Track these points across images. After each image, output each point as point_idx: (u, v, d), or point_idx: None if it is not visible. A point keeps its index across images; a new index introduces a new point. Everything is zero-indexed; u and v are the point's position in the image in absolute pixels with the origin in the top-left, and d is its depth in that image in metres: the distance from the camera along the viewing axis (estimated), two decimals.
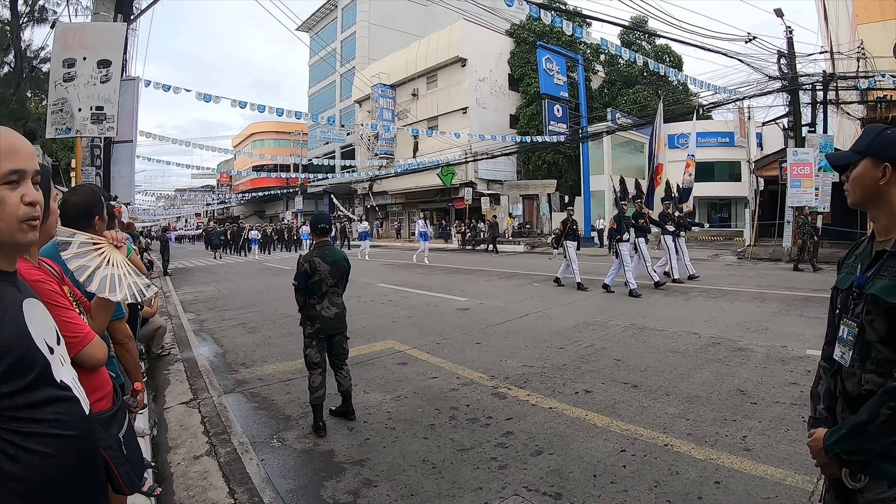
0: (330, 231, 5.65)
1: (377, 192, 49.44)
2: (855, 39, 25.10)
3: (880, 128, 1.95)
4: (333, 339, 5.40)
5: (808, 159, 21.10)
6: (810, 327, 9.02)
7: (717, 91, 22.93)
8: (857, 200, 2.01)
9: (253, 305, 13.40)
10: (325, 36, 63.48)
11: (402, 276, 19.15)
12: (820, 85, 23.27)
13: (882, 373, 1.79)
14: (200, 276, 23.24)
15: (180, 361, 8.00)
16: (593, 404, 5.61)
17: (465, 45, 40.96)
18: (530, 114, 41.02)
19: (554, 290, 14.47)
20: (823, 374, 2.14)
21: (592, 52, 43.45)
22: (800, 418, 5.06)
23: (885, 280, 1.82)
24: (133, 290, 2.38)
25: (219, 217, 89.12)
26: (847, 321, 1.97)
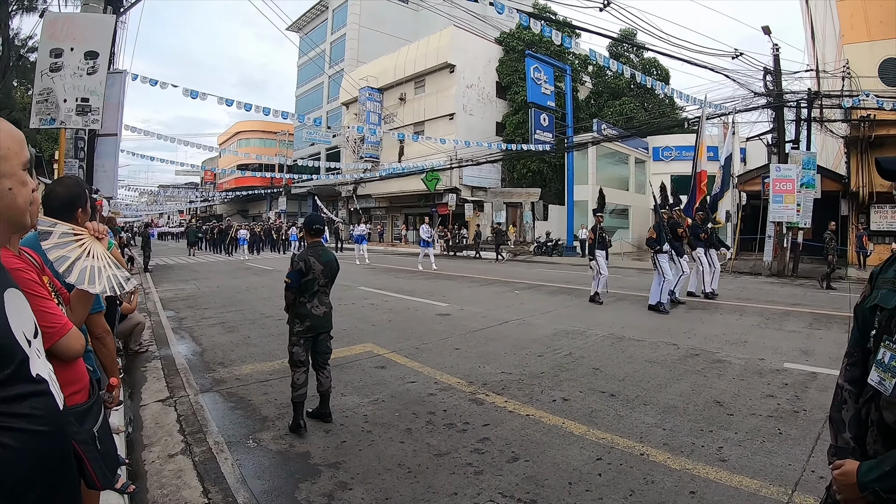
0: (323, 232, 5.71)
1: (361, 196, 49.35)
2: (841, 59, 25.40)
3: None
4: (319, 337, 5.42)
5: (791, 175, 21.31)
6: (788, 341, 9.15)
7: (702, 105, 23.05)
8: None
9: (233, 305, 13.35)
10: (314, 37, 63.47)
11: (383, 279, 19.13)
12: (805, 102, 23.50)
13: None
14: (181, 273, 23.10)
15: (158, 359, 7.95)
16: (570, 412, 5.63)
17: (454, 51, 41.04)
18: (517, 122, 41.13)
19: (535, 298, 14.48)
20: (849, 399, 1.93)
21: (580, 63, 43.65)
22: (776, 431, 5.13)
23: None
24: (112, 282, 2.37)
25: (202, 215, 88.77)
26: (890, 344, 1.73)
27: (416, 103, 44.97)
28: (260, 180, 61.57)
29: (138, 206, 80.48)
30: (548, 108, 36.84)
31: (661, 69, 45.05)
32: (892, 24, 24.18)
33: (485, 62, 43.42)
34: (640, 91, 43.37)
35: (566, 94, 36.78)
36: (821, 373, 7.12)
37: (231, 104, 21.58)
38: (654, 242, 12.85)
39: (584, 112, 42.99)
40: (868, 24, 24.72)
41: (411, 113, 45.11)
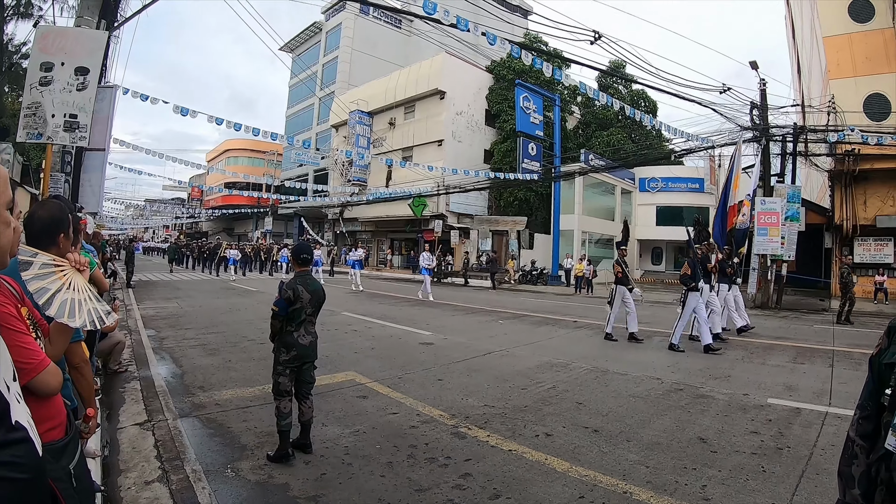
0: (311, 261, 5.73)
1: (348, 219, 49.37)
2: (826, 94, 25.83)
3: None
4: (304, 366, 5.39)
5: (776, 208, 21.54)
6: (772, 375, 9.17)
7: (689, 138, 23.28)
8: None
9: (215, 326, 13.21)
10: (307, 58, 63.88)
11: (367, 305, 19.03)
12: (790, 136, 23.78)
13: None
14: (163, 290, 22.94)
15: (137, 380, 7.83)
16: (553, 448, 5.56)
17: (445, 77, 41.31)
18: (505, 150, 41.36)
19: (519, 329, 14.44)
20: (860, 454, 1.87)
21: (569, 93, 44.00)
22: (759, 468, 5.10)
23: None
24: (93, 316, 2.33)
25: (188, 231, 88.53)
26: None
27: (405, 128, 45.18)
28: (247, 199, 61.50)
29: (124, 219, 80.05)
30: (536, 138, 37.08)
31: (648, 101, 45.64)
32: (878, 60, 24.68)
33: (475, 90, 43.75)
34: (627, 122, 43.81)
35: (555, 123, 37.04)
36: (804, 408, 7.13)
37: (221, 123, 21.56)
38: (689, 279, 12.26)
39: (572, 142, 43.39)
40: (854, 60, 25.22)
41: (400, 138, 45.29)
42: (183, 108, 19.70)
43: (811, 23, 30.10)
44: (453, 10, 13.75)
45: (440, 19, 13.16)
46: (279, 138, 27.52)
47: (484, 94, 44.46)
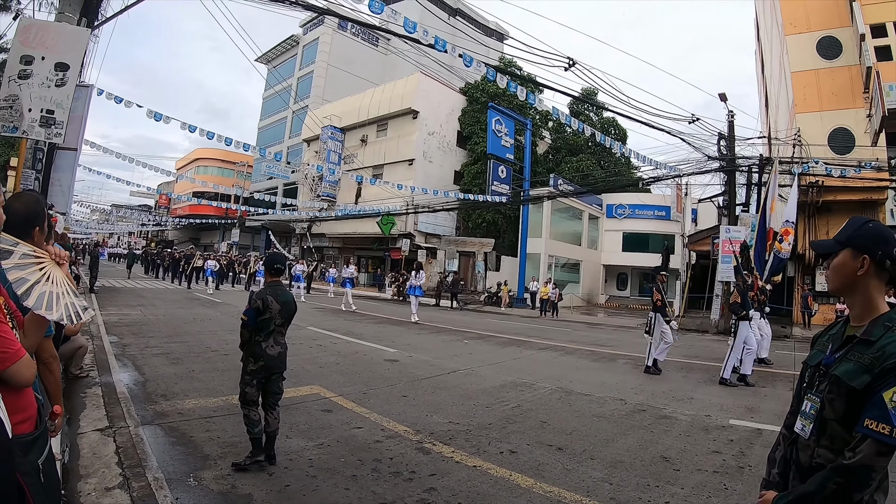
0: (283, 272, 5.72)
1: (315, 234, 49.15)
2: (793, 127, 26.35)
3: (863, 220, 2.10)
4: (272, 377, 5.37)
5: (740, 237, 21.83)
6: (734, 398, 9.35)
7: (657, 166, 23.57)
8: (836, 288, 2.14)
9: (178, 335, 13.08)
10: (282, 71, 63.76)
11: (332, 321, 18.93)
12: (756, 167, 24.21)
13: (834, 450, 1.92)
14: (127, 297, 22.67)
15: (98, 385, 7.71)
16: (518, 465, 5.58)
17: (418, 97, 41.46)
18: (475, 172, 41.50)
19: (484, 349, 14.47)
20: (782, 441, 2.26)
21: (541, 118, 44.39)
22: (721, 486, 5.19)
23: (849, 364, 1.94)
24: (70, 310, 2.33)
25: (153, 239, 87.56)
26: (811, 396, 2.10)
27: (376, 146, 45.20)
28: (214, 209, 60.82)
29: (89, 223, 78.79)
30: (506, 161, 37.29)
31: (618, 129, 46.21)
32: (843, 96, 25.35)
33: (448, 111, 43.93)
34: (597, 149, 44.31)
35: (525, 147, 37.29)
36: (766, 429, 7.25)
37: (194, 130, 21.42)
38: (740, 308, 11.39)
39: (541, 166, 43.73)
40: (820, 95, 25.87)
41: (371, 155, 45.31)
42: (157, 112, 19.52)
43: (780, 58, 30.75)
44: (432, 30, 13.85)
45: (419, 39, 13.22)
46: (251, 149, 27.31)
47: (456, 116, 44.67)
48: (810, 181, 24.73)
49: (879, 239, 2.01)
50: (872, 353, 1.89)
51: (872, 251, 2.00)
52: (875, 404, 1.81)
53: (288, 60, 66.38)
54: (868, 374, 1.87)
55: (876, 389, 1.83)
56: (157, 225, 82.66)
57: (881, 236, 2.02)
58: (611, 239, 44.80)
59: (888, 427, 1.76)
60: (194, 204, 60.31)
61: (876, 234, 2.03)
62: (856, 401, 1.89)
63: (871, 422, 1.79)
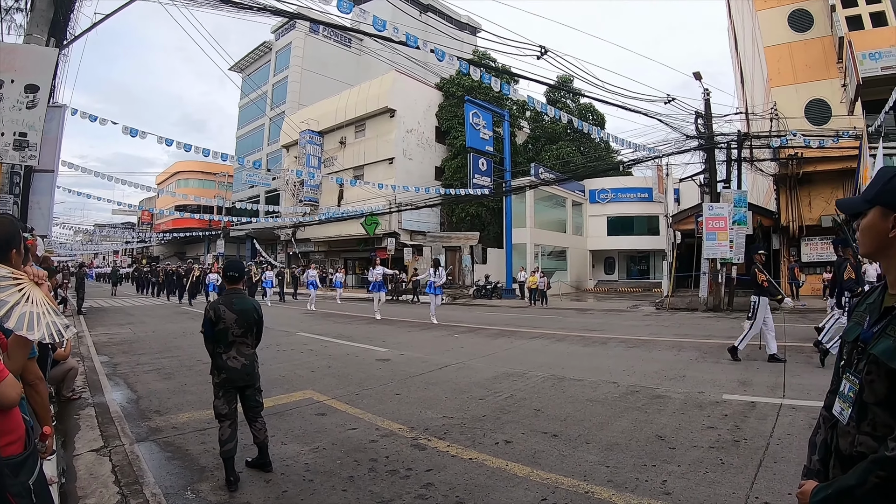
0: (240, 279, 5.54)
1: (300, 239, 49.03)
2: (769, 101, 26.53)
3: (891, 173, 1.80)
4: (244, 392, 5.26)
5: (723, 213, 21.99)
6: (726, 373, 9.39)
7: (637, 149, 23.64)
8: (868, 251, 1.88)
9: (169, 350, 13.03)
10: (257, 78, 63.54)
11: (322, 325, 18.91)
12: (735, 143, 24.34)
13: (877, 437, 1.69)
14: (115, 316, 22.57)
15: (91, 406, 7.66)
16: (514, 454, 5.59)
17: (394, 96, 41.41)
18: (455, 166, 41.57)
19: (475, 342, 14.47)
20: (823, 425, 2.03)
21: (518, 108, 44.41)
22: (718, 461, 5.21)
23: (889, 341, 1.68)
24: (51, 329, 2.31)
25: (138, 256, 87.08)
26: (849, 376, 1.86)
27: (356, 147, 45.11)
28: (198, 222, 60.57)
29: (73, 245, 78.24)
30: (486, 153, 37.31)
31: (596, 114, 46.33)
32: (817, 67, 25.52)
33: (425, 107, 43.91)
34: (576, 135, 44.42)
35: (504, 138, 37.32)
36: (759, 402, 7.30)
37: (171, 144, 21.31)
38: (855, 284, 10.36)
39: (522, 156, 43.80)
40: (794, 68, 26.05)
41: (351, 157, 45.23)
42: (132, 129, 19.39)
43: (752, 34, 30.91)
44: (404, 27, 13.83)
45: (390, 36, 13.21)
46: (229, 159, 27.19)
47: (434, 112, 44.68)
48: (789, 154, 24.88)
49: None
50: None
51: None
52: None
53: (262, 67, 66.13)
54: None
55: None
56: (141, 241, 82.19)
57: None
58: (596, 224, 44.94)
59: None
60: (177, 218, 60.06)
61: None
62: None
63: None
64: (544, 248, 39.59)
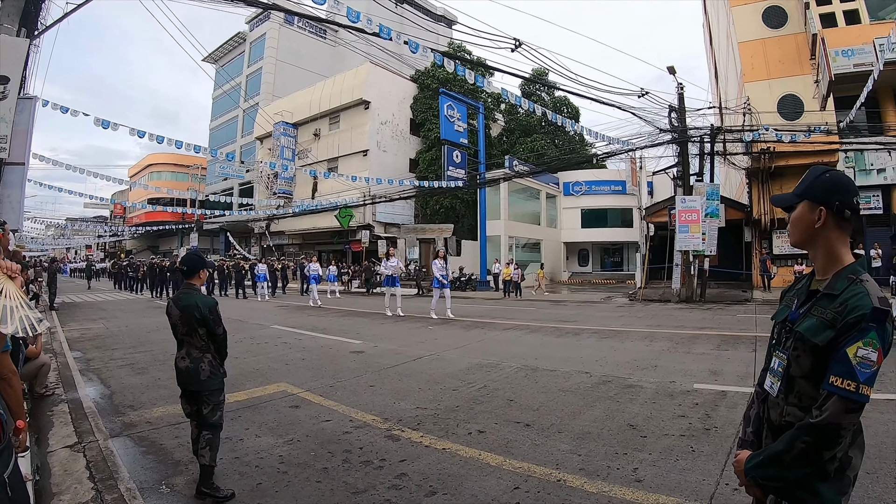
0: (191, 273, 5.05)
1: (274, 232, 48.82)
2: (742, 96, 26.78)
3: (820, 171, 2.07)
4: (195, 396, 4.85)
5: (696, 206, 22.19)
6: (697, 363, 9.49)
7: (611, 142, 23.78)
8: (797, 241, 2.13)
9: (142, 345, 12.95)
10: (231, 69, 63.06)
11: (296, 318, 18.85)
12: (708, 137, 24.55)
13: (803, 407, 1.94)
14: (88, 311, 22.34)
15: (65, 402, 7.58)
16: (486, 444, 5.63)
17: (369, 87, 41.35)
18: (430, 158, 41.65)
19: (449, 333, 14.48)
20: (755, 399, 2.29)
21: (493, 101, 44.48)
22: (689, 449, 5.28)
23: (812, 319, 1.95)
24: (25, 323, 2.30)
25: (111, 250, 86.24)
26: (778, 353, 2.13)
27: (330, 139, 44.96)
28: (171, 215, 59.95)
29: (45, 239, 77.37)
30: (461, 145, 37.29)
31: (571, 107, 46.53)
32: (790, 63, 25.82)
33: (399, 99, 43.89)
34: (551, 128, 44.56)
35: (479, 131, 37.31)
36: (730, 391, 7.39)
37: (143, 136, 21.12)
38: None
39: (496, 149, 43.91)
40: (767, 63, 26.34)
41: (325, 149, 45.09)
42: (104, 120, 19.17)
43: (727, 29, 31.18)
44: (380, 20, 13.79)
45: (363, 28, 13.17)
46: (202, 151, 26.98)
47: (408, 104, 44.67)
48: (762, 148, 25.15)
49: (836, 189, 2.00)
50: (835, 307, 1.90)
51: (829, 202, 1.98)
52: (839, 360, 1.81)
53: (236, 58, 65.65)
54: (831, 329, 1.87)
55: (840, 345, 1.83)
56: (113, 235, 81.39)
57: (838, 186, 2.01)
58: (570, 216, 45.12)
59: (853, 383, 1.77)
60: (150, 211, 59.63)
61: (833, 183, 2.01)
62: (821, 357, 1.90)
63: (837, 378, 1.80)
64: (518, 240, 39.72)
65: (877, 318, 1.80)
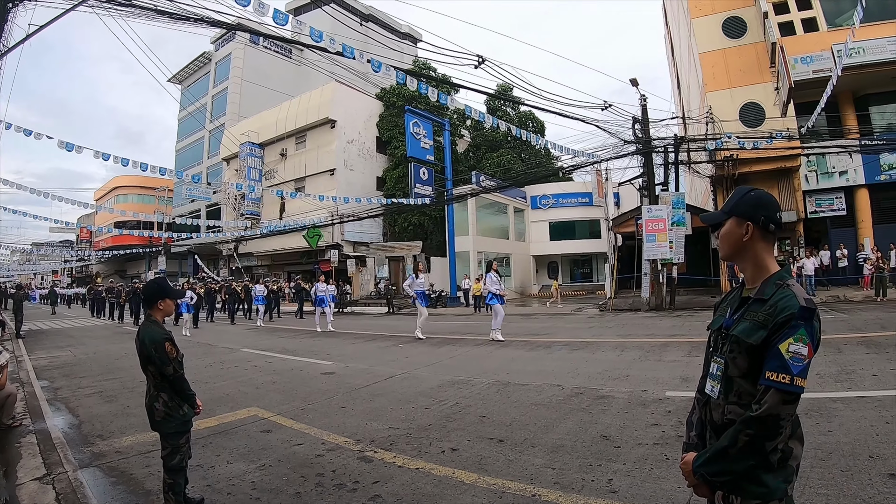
0: (150, 302, 4.72)
1: (243, 254, 48.48)
2: (704, 105, 27.20)
3: (745, 190, 2.29)
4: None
5: (662, 215, 22.44)
6: (668, 370, 9.56)
7: (576, 155, 23.96)
8: (727, 254, 2.33)
9: (111, 372, 12.74)
10: (196, 90, 62.82)
11: (266, 340, 18.73)
12: (672, 147, 24.87)
13: (743, 404, 2.08)
14: (55, 339, 21.97)
15: (33, 433, 7.44)
16: (460, 462, 5.62)
17: (335, 106, 41.34)
18: (397, 176, 41.63)
19: (420, 351, 14.46)
20: (697, 405, 2.44)
21: (459, 117, 44.62)
22: (663, 457, 5.32)
23: (746, 323, 2.12)
24: None
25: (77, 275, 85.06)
26: (716, 358, 2.29)
27: (297, 159, 44.82)
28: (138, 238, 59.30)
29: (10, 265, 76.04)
30: (427, 162, 37.40)
31: (536, 121, 46.86)
32: (751, 72, 26.36)
33: (365, 117, 43.93)
34: (517, 143, 44.84)
35: (445, 147, 37.46)
36: None
37: (108, 158, 20.76)
38: None
39: (463, 164, 44.10)
40: (728, 73, 26.84)
41: (292, 169, 44.91)
42: (68, 143, 18.89)
43: (688, 40, 31.67)
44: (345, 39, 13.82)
45: (326, 47, 13.18)
46: (168, 173, 26.69)
47: (374, 122, 44.72)
48: (725, 155, 25.52)
49: (760, 205, 2.20)
50: (766, 309, 2.07)
51: (755, 217, 2.18)
52: (774, 356, 1.97)
53: (201, 79, 65.37)
54: (763, 329, 2.04)
55: (773, 343, 1.99)
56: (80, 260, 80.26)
57: (762, 202, 2.21)
58: (538, 229, 45.37)
59: (788, 376, 1.93)
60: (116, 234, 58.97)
61: (757, 200, 2.21)
62: (756, 356, 2.05)
63: (772, 373, 1.95)
64: (487, 255, 39.82)
65: (804, 316, 1.98)
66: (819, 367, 8.37)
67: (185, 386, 4.61)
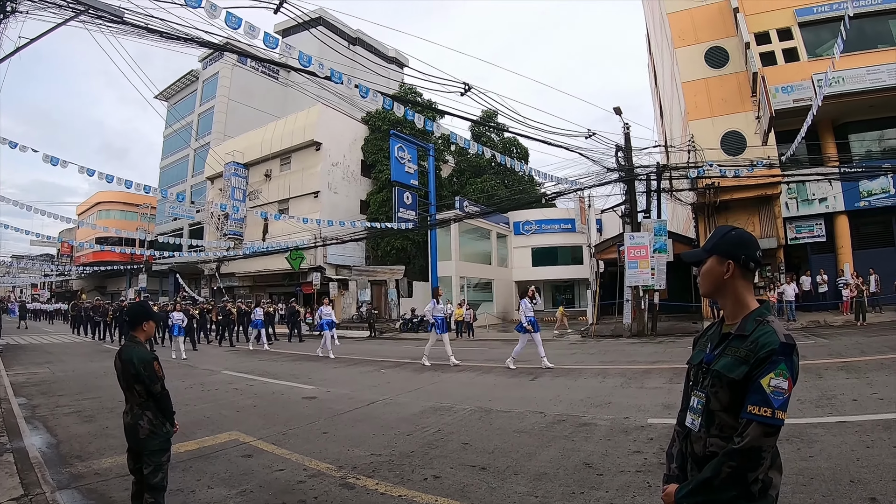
0: (134, 324, 4.76)
1: (225, 274, 48.15)
2: (686, 134, 27.49)
3: (726, 229, 2.36)
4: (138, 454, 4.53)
5: (644, 242, 22.65)
6: (650, 397, 9.63)
7: (559, 182, 24.12)
8: (707, 291, 2.41)
9: (90, 391, 12.64)
10: (182, 107, 62.47)
11: (247, 363, 18.60)
12: (654, 175, 25.10)
13: (724, 437, 2.13)
14: (33, 355, 21.79)
15: (10, 452, 7.35)
16: (442, 489, 5.62)
17: (320, 129, 41.36)
18: (381, 200, 41.71)
19: (402, 377, 14.48)
20: (677, 438, 2.50)
21: (444, 142, 44.85)
22: (645, 484, 5.36)
23: (727, 358, 2.18)
24: None
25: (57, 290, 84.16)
26: (697, 392, 2.34)
27: (281, 180, 44.72)
28: (119, 255, 58.77)
29: None
30: (411, 187, 37.54)
31: (520, 148, 47.23)
32: (732, 101, 26.75)
33: (350, 140, 44.01)
34: (500, 169, 45.02)
35: (429, 172, 37.71)
36: None
37: (92, 174, 20.60)
38: None
39: (446, 189, 44.27)
40: (710, 101, 27.20)
41: (276, 190, 44.80)
42: (54, 157, 18.77)
43: (671, 70, 32.03)
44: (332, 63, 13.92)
45: (315, 71, 13.26)
46: (152, 191, 26.54)
47: (360, 145, 44.78)
48: (707, 183, 25.77)
49: (741, 244, 2.28)
50: (747, 345, 2.13)
51: (736, 256, 2.26)
52: (755, 391, 2.03)
53: (188, 97, 65.08)
54: (745, 364, 2.10)
55: (754, 377, 2.05)
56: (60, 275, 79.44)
57: (742, 242, 2.29)
58: (520, 255, 45.58)
59: (769, 409, 1.99)
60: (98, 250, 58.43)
61: (737, 240, 2.29)
62: (738, 390, 2.11)
63: (754, 407, 2.02)
64: (470, 281, 39.90)
65: (784, 352, 2.05)
66: (800, 393, 8.43)
67: (170, 404, 4.62)
